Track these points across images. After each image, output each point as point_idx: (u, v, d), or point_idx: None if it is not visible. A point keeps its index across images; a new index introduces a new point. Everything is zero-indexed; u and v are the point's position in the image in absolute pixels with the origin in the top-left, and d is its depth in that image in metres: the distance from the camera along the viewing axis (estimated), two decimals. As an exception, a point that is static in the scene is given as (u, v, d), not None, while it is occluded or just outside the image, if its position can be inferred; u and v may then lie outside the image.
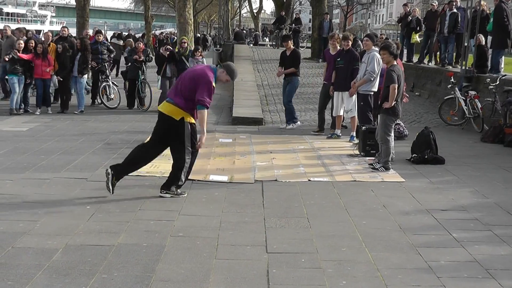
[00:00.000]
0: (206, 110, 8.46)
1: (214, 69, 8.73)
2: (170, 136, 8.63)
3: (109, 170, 8.52)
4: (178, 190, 8.72)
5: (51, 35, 18.50)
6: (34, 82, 17.16)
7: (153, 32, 54.04)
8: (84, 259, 6.15)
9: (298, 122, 15.25)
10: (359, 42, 21.59)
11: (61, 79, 17.25)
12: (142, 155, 8.88)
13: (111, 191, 8.49)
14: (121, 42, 32.05)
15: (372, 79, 12.50)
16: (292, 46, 15.34)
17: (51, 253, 6.30)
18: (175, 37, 32.73)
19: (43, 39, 20.15)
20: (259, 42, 44.98)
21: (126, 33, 43.31)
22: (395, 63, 10.76)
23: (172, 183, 8.70)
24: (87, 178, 9.64)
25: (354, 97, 13.21)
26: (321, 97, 14.65)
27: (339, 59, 13.52)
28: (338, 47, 14.00)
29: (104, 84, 18.68)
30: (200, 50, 18.24)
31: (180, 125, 8.52)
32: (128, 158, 8.86)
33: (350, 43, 13.90)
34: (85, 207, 7.98)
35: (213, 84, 8.52)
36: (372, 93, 12.59)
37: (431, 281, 5.81)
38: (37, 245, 6.52)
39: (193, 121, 8.65)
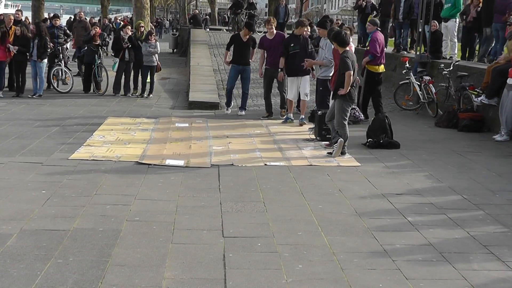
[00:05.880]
0: None
1: None
2: None
3: None
4: None
5: (13, 18, 17.99)
6: None
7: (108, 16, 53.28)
8: (39, 244, 6.09)
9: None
10: (315, 27, 21.63)
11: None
12: None
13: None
14: None
15: (330, 65, 12.53)
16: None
17: (5, 238, 6.21)
18: (121, 22, 32.13)
19: None
20: (210, 26, 44.54)
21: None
22: (347, 48, 10.81)
23: None
24: (43, 162, 9.51)
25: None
26: (265, 82, 14.77)
27: (292, 45, 13.57)
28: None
29: (56, 68, 18.39)
30: (154, 34, 18.10)
31: None
32: None
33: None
34: (40, 192, 7.88)
35: None
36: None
37: (386, 265, 5.88)
38: (-10, 230, 6.44)
39: None
